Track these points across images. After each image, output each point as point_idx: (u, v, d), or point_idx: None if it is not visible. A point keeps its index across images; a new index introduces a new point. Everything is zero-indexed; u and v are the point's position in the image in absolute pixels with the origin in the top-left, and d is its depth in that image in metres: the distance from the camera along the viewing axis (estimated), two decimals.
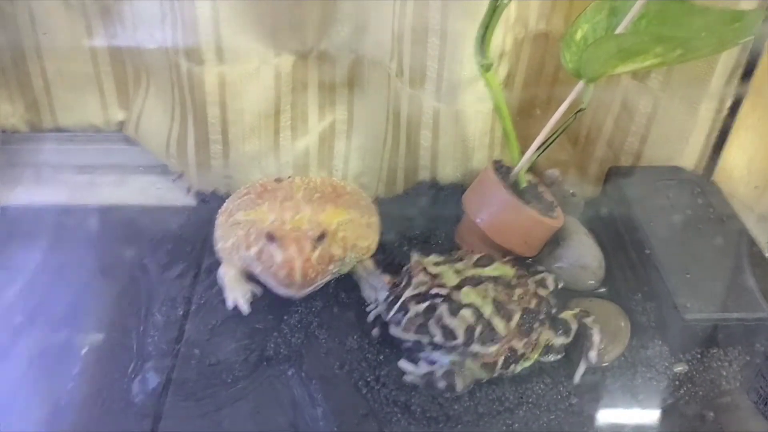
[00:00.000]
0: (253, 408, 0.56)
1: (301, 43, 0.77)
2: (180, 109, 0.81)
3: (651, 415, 0.57)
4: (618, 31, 0.61)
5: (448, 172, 0.77)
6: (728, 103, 0.72)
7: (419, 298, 0.57)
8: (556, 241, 0.70)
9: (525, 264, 0.69)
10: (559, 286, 0.67)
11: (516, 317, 0.59)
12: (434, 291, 0.57)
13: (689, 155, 0.76)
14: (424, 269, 0.59)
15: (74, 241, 0.73)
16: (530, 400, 0.57)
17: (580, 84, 0.63)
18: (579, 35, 0.64)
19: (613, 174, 0.76)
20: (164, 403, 0.56)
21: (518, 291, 0.61)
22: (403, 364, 0.59)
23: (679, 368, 0.60)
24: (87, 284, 0.68)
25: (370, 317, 0.63)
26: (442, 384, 0.57)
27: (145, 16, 0.78)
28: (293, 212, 0.63)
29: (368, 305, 0.64)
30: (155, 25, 0.76)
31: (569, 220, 0.71)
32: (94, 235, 0.74)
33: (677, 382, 0.59)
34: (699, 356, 0.61)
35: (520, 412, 0.56)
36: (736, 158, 0.76)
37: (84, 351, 0.61)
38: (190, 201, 0.80)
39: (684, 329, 0.60)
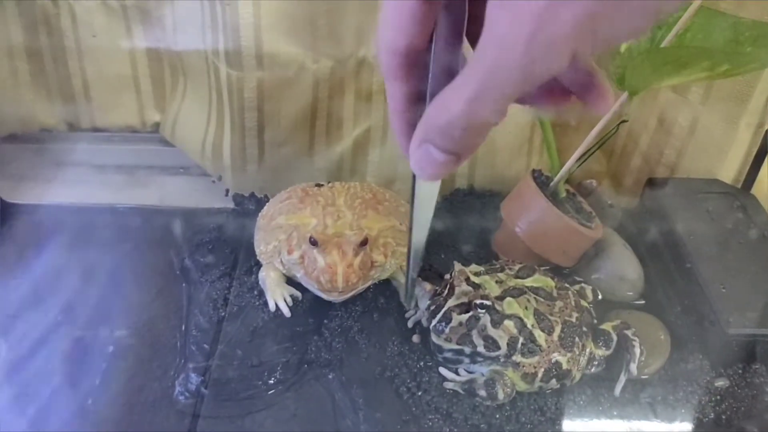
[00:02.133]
0: (294, 411, 0.57)
1: (340, 50, 0.78)
2: (217, 112, 0.81)
3: (691, 430, 0.56)
4: (664, 44, 0.61)
5: (485, 180, 0.77)
6: None
7: (462, 307, 0.57)
8: (594, 252, 0.70)
9: (562, 274, 0.69)
10: (599, 298, 0.67)
11: (557, 330, 0.59)
12: (479, 301, 0.57)
13: (728, 169, 0.75)
14: (467, 279, 0.59)
15: (114, 241, 0.74)
16: (572, 411, 0.57)
17: (623, 96, 0.63)
18: (624, 47, 0.64)
19: (651, 185, 0.76)
20: (205, 403, 0.57)
21: (559, 303, 0.61)
22: (444, 371, 0.59)
23: (721, 383, 0.60)
24: (127, 284, 0.68)
25: (410, 323, 0.63)
26: (483, 392, 0.57)
27: (185, 20, 0.79)
28: (335, 217, 0.63)
29: (407, 312, 0.64)
30: (195, 29, 0.77)
31: (607, 231, 0.71)
32: (133, 235, 0.75)
33: (718, 397, 0.59)
34: (741, 371, 0.61)
35: (563, 423, 0.56)
36: None
37: (124, 349, 0.62)
38: (228, 203, 0.80)
39: (726, 344, 0.60)
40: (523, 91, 0.26)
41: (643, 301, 0.69)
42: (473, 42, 0.30)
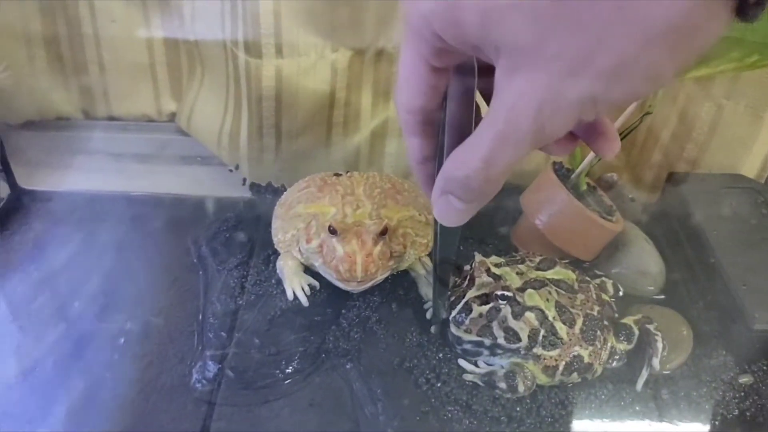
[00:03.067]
0: (311, 400, 0.56)
1: (359, 40, 0.77)
2: (234, 101, 0.81)
3: (715, 426, 0.56)
4: None
5: None
6: None
7: (483, 299, 0.57)
8: (614, 245, 0.69)
9: (582, 268, 0.68)
10: (620, 294, 0.66)
11: (579, 323, 0.58)
12: (499, 292, 0.56)
13: (751, 164, 0.74)
14: (488, 270, 0.59)
15: (130, 229, 0.74)
16: (593, 405, 0.56)
17: None
18: None
19: (673, 180, 0.75)
20: (222, 391, 0.57)
21: (580, 296, 0.60)
22: (463, 362, 0.59)
23: (745, 379, 0.59)
24: (144, 272, 0.68)
25: (429, 315, 0.63)
26: (503, 385, 0.56)
27: (203, 8, 0.78)
28: (355, 206, 0.63)
29: (426, 302, 0.64)
30: (214, 17, 0.77)
31: (628, 225, 0.70)
32: (150, 223, 0.75)
33: (742, 394, 0.58)
34: (766, 368, 0.60)
35: (584, 417, 0.55)
36: None
37: (141, 336, 0.62)
38: (244, 192, 0.80)
39: (751, 340, 0.59)
40: (535, 148, 0.29)
41: (664, 296, 0.68)
42: (486, 97, 0.33)
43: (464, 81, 0.33)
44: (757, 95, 0.70)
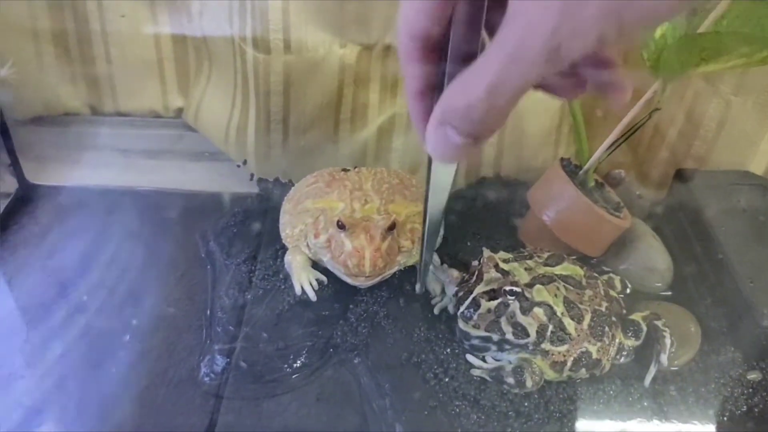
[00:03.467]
0: (319, 394, 0.56)
1: (367, 36, 0.77)
2: (242, 97, 0.81)
3: (723, 422, 0.56)
4: (700, 30, 0.60)
5: (511, 169, 0.76)
6: None
7: (491, 294, 0.57)
8: (622, 242, 0.69)
9: (590, 264, 0.68)
10: (628, 290, 0.66)
11: (587, 318, 0.58)
12: (508, 288, 0.56)
13: (759, 160, 0.74)
14: (496, 265, 0.59)
15: (138, 224, 0.74)
16: (601, 401, 0.56)
17: (656, 83, 0.62)
18: (659, 33, 0.63)
19: (680, 177, 0.75)
20: (230, 384, 0.57)
21: (588, 292, 0.60)
22: (471, 358, 0.59)
23: (754, 376, 0.59)
24: (152, 266, 0.68)
25: (436, 310, 0.63)
26: (510, 380, 0.56)
27: (211, 4, 0.79)
28: (363, 202, 0.63)
29: (434, 298, 0.64)
30: (222, 13, 0.77)
31: (636, 221, 0.70)
32: (158, 218, 0.75)
33: (751, 390, 0.58)
34: None
35: (592, 413, 0.55)
36: None
37: (149, 330, 0.62)
38: (251, 188, 0.80)
39: (759, 336, 0.59)
40: (545, 75, 0.26)
41: (671, 293, 0.68)
42: (490, 33, 0.30)
43: (473, 3, 0.30)
44: (766, 91, 0.70)
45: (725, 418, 0.56)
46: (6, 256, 0.70)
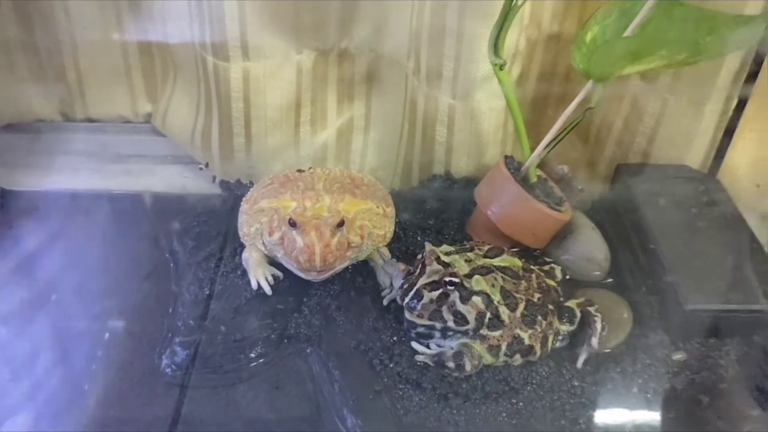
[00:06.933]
0: (275, 381, 0.60)
1: (323, 42, 0.81)
2: (205, 102, 0.85)
3: (648, 399, 0.60)
4: (626, 33, 0.64)
5: (461, 167, 0.80)
6: (733, 105, 0.75)
7: (433, 285, 0.60)
8: (563, 234, 0.73)
9: (533, 255, 0.72)
10: (566, 277, 0.70)
11: (520, 307, 0.62)
12: (447, 279, 0.60)
13: (695, 154, 0.78)
14: (438, 258, 0.62)
15: (106, 225, 0.78)
16: (534, 381, 0.60)
17: (590, 83, 0.66)
18: (589, 37, 0.67)
19: (621, 171, 0.79)
20: (191, 375, 0.60)
21: (524, 283, 0.64)
22: (416, 345, 0.63)
23: (678, 356, 0.63)
24: (118, 265, 0.72)
25: (385, 302, 0.67)
26: (451, 364, 0.60)
27: (173, 13, 0.82)
28: (314, 201, 0.67)
29: (383, 290, 0.68)
30: (183, 22, 0.80)
31: (577, 214, 0.75)
32: (125, 220, 0.79)
33: (676, 369, 0.62)
34: (698, 345, 0.64)
35: (525, 392, 0.59)
36: (741, 158, 0.78)
37: (115, 325, 0.65)
38: (215, 189, 0.84)
39: (684, 319, 0.63)
40: None
41: (610, 280, 0.72)
42: None
43: None
44: (698, 91, 0.75)
45: (648, 395, 0.60)
46: None
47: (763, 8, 0.68)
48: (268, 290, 0.66)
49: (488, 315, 0.60)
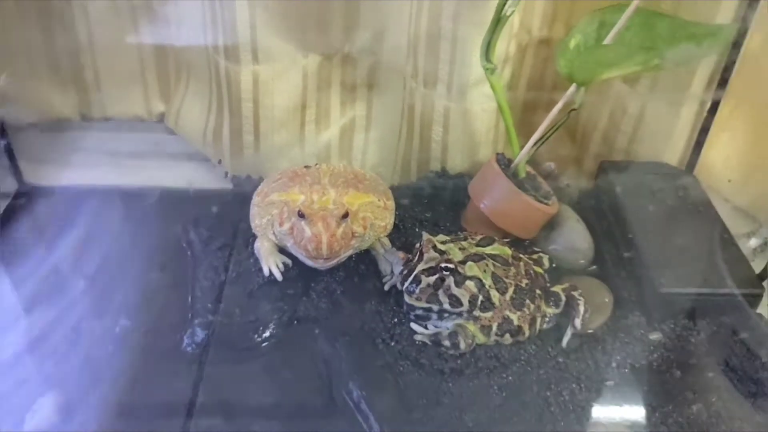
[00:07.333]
0: (286, 358, 0.66)
1: (327, 46, 0.86)
2: (217, 103, 0.90)
3: (626, 372, 0.66)
4: (606, 41, 0.70)
5: (456, 164, 0.86)
6: (708, 106, 0.81)
7: (430, 271, 0.66)
8: (551, 225, 0.79)
9: (523, 246, 0.78)
10: (553, 266, 0.76)
11: (510, 291, 0.68)
12: (443, 265, 0.66)
13: (673, 152, 0.85)
14: (434, 246, 0.68)
15: (126, 219, 0.83)
16: (522, 358, 0.66)
17: (573, 87, 0.72)
18: (573, 44, 0.73)
19: (604, 168, 0.85)
20: (209, 353, 0.66)
21: (513, 270, 0.70)
22: (415, 326, 0.69)
23: (655, 336, 0.69)
24: (139, 256, 0.77)
25: (387, 287, 0.73)
26: (447, 343, 0.66)
27: (187, 18, 0.87)
28: (320, 194, 0.72)
29: (384, 277, 0.74)
30: (196, 26, 0.86)
31: (563, 207, 0.80)
32: (143, 214, 0.84)
33: (652, 347, 0.68)
34: (672, 326, 0.70)
35: (514, 368, 0.65)
36: (715, 155, 0.84)
37: (138, 310, 0.71)
38: (227, 184, 0.90)
39: (659, 302, 0.69)
40: None
41: (593, 268, 0.78)
42: None
43: None
44: (676, 94, 0.81)
45: (626, 370, 0.66)
46: (7, 250, 0.79)
47: (733, 17, 0.74)
48: (279, 276, 0.72)
49: (480, 298, 0.66)
